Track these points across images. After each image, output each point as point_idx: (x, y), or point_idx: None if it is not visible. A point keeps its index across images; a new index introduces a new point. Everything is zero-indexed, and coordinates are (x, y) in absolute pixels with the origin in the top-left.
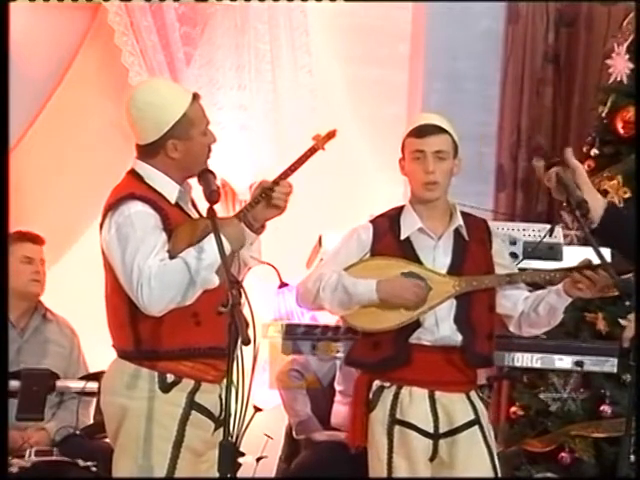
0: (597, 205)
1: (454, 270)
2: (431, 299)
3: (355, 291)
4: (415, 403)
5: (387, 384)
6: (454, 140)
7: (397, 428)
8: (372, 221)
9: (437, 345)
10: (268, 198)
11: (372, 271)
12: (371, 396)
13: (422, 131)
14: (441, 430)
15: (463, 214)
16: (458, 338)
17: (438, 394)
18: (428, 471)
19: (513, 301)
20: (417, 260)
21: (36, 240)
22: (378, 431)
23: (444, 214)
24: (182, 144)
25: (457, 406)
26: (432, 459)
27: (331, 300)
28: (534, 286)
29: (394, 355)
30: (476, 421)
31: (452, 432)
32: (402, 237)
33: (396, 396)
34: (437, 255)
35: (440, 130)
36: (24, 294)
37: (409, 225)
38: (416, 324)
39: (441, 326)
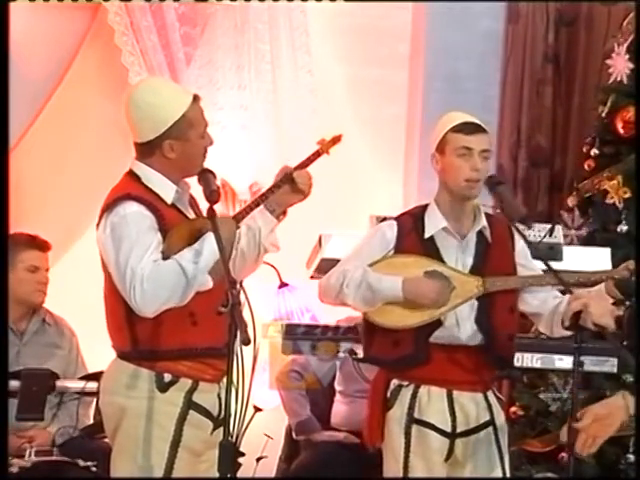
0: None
1: (476, 271)
2: (454, 298)
3: (379, 288)
4: (433, 402)
5: (405, 383)
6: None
7: (415, 427)
8: (396, 219)
9: (457, 344)
10: (292, 183)
11: (396, 268)
12: (389, 395)
13: (471, 128)
14: (458, 430)
15: (486, 214)
16: (478, 338)
17: (456, 393)
18: (444, 471)
19: (541, 299)
20: (440, 260)
21: (44, 247)
22: (395, 430)
23: (469, 214)
24: (179, 145)
25: (474, 406)
26: (447, 459)
27: (354, 296)
28: None
29: (413, 354)
30: (491, 422)
31: (468, 432)
32: (426, 236)
33: (414, 395)
34: (460, 256)
35: (485, 130)
36: (26, 302)
37: (434, 224)
38: (437, 323)
39: (462, 326)
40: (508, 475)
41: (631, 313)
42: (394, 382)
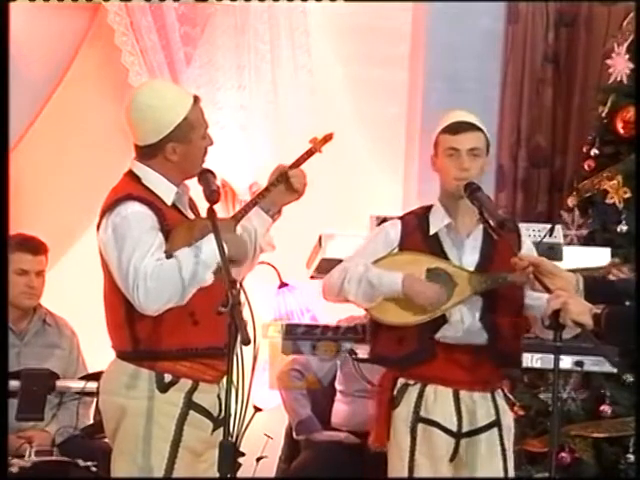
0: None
1: (482, 268)
2: (456, 295)
3: (380, 283)
4: (440, 401)
5: (412, 382)
6: (487, 137)
7: (421, 426)
8: (401, 218)
9: (462, 343)
10: (287, 182)
11: (400, 265)
12: (395, 393)
13: (457, 128)
14: (464, 429)
15: None
16: (484, 336)
17: (462, 393)
18: (449, 471)
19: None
20: (445, 257)
21: (36, 250)
22: (401, 429)
23: (473, 212)
24: (181, 147)
25: (480, 406)
26: (452, 459)
27: (356, 292)
28: None
29: (418, 350)
30: (496, 422)
31: (473, 432)
32: (431, 232)
33: (421, 394)
34: (465, 252)
35: (474, 127)
36: (16, 305)
37: (438, 221)
38: (442, 320)
39: (467, 324)
40: (510, 475)
41: (609, 312)
42: (400, 381)
